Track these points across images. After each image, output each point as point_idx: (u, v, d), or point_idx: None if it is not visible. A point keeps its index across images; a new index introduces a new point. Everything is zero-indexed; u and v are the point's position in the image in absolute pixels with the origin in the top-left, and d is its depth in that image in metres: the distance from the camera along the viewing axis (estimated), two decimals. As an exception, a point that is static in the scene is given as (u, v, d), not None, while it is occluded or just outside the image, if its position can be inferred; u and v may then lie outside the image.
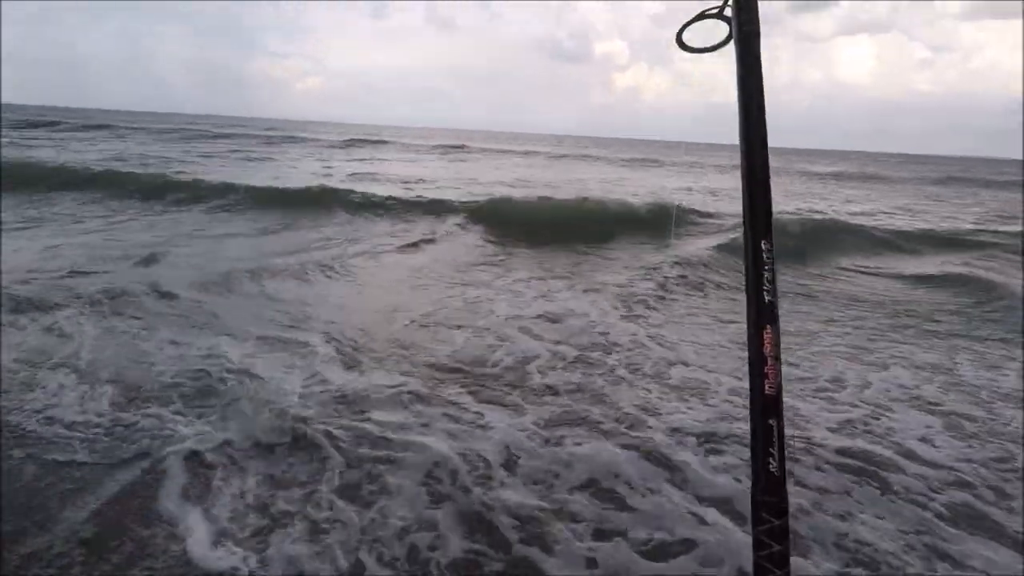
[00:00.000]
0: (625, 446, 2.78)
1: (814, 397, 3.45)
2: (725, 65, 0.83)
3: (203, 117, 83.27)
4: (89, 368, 3.34)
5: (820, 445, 2.86)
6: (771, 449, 0.76)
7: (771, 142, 0.80)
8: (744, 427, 2.90)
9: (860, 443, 2.90)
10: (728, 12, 0.83)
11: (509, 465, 2.59)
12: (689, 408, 3.22)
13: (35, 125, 31.10)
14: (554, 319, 4.71)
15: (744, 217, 0.81)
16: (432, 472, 2.51)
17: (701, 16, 0.85)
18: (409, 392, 3.27)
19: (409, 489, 2.38)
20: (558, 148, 42.30)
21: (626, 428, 2.97)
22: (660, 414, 3.13)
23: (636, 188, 15.15)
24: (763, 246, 0.79)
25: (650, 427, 2.99)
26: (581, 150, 41.49)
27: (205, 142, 26.48)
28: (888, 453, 2.83)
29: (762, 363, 0.77)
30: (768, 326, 0.78)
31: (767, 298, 0.78)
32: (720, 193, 15.98)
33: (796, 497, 2.38)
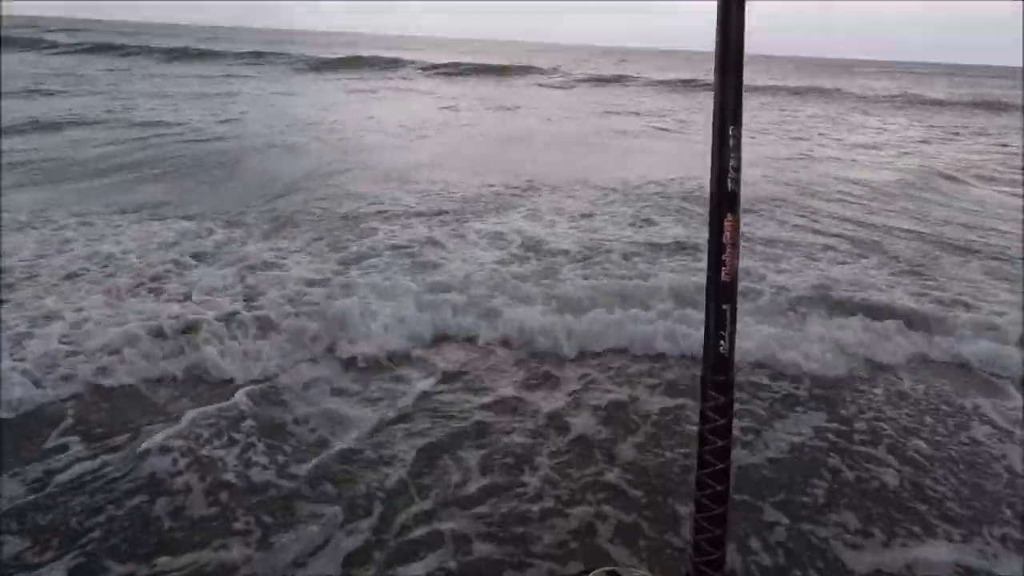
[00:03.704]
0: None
1: None
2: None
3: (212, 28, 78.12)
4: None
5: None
6: (722, 332, 0.80)
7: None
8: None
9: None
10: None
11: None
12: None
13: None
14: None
15: (715, 96, 0.78)
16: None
17: None
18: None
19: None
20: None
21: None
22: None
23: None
24: (730, 131, 0.77)
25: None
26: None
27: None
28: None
29: (720, 251, 0.79)
30: (729, 214, 0.78)
31: (730, 187, 0.77)
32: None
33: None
